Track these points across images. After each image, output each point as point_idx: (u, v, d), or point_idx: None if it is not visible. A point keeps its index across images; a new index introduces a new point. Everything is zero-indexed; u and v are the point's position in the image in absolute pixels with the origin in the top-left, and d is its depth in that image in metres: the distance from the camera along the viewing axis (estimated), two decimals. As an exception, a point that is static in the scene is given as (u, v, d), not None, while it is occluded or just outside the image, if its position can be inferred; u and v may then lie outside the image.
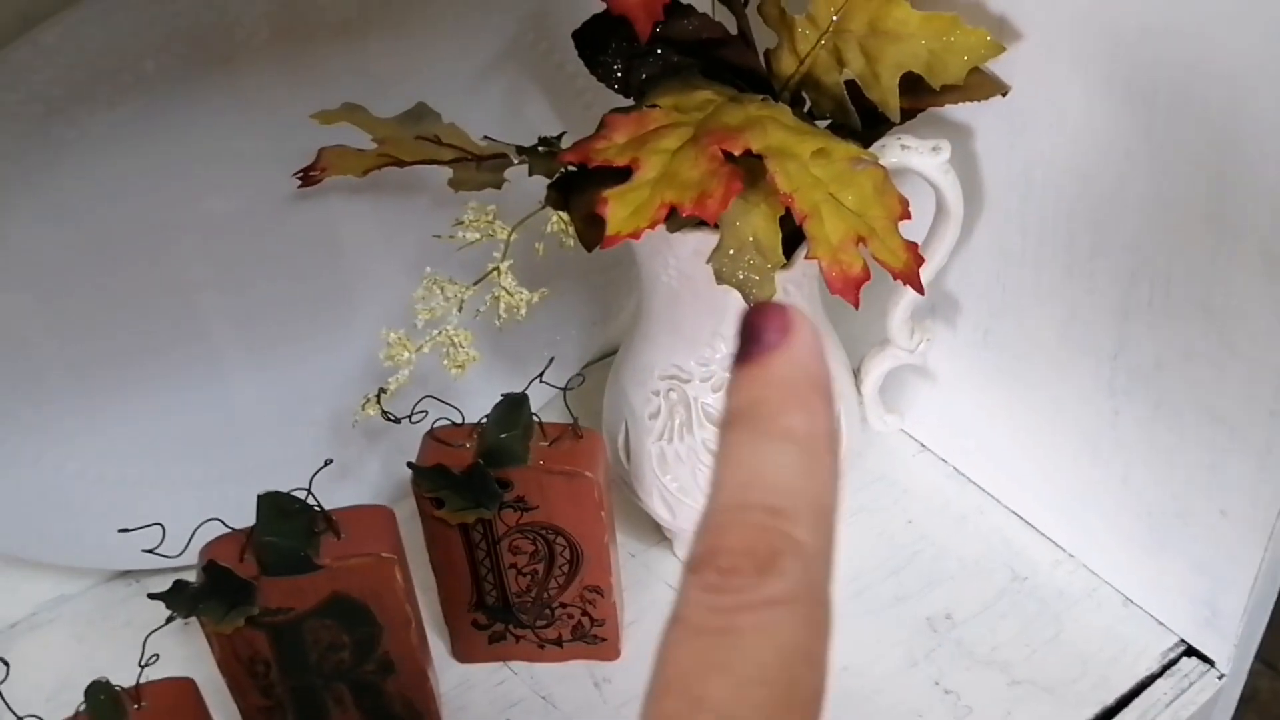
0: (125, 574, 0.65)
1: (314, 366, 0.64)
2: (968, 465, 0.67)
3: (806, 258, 0.46)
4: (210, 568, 0.47)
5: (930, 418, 0.68)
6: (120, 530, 0.46)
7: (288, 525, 0.48)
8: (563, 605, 0.57)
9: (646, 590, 0.62)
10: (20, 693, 0.46)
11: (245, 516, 0.48)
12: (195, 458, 0.63)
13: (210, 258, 0.59)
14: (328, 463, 0.47)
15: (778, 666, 0.20)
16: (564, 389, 0.51)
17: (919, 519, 0.65)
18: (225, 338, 0.62)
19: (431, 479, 0.52)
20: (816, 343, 0.22)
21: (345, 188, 0.60)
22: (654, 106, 0.48)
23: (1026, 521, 0.64)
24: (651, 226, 0.45)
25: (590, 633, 0.58)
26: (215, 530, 0.49)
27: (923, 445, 0.70)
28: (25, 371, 0.57)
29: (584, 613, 0.57)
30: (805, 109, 0.53)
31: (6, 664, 0.42)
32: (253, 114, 0.57)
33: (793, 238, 0.49)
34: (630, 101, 0.52)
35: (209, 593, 0.47)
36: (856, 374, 0.60)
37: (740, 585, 0.20)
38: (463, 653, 0.59)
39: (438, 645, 0.58)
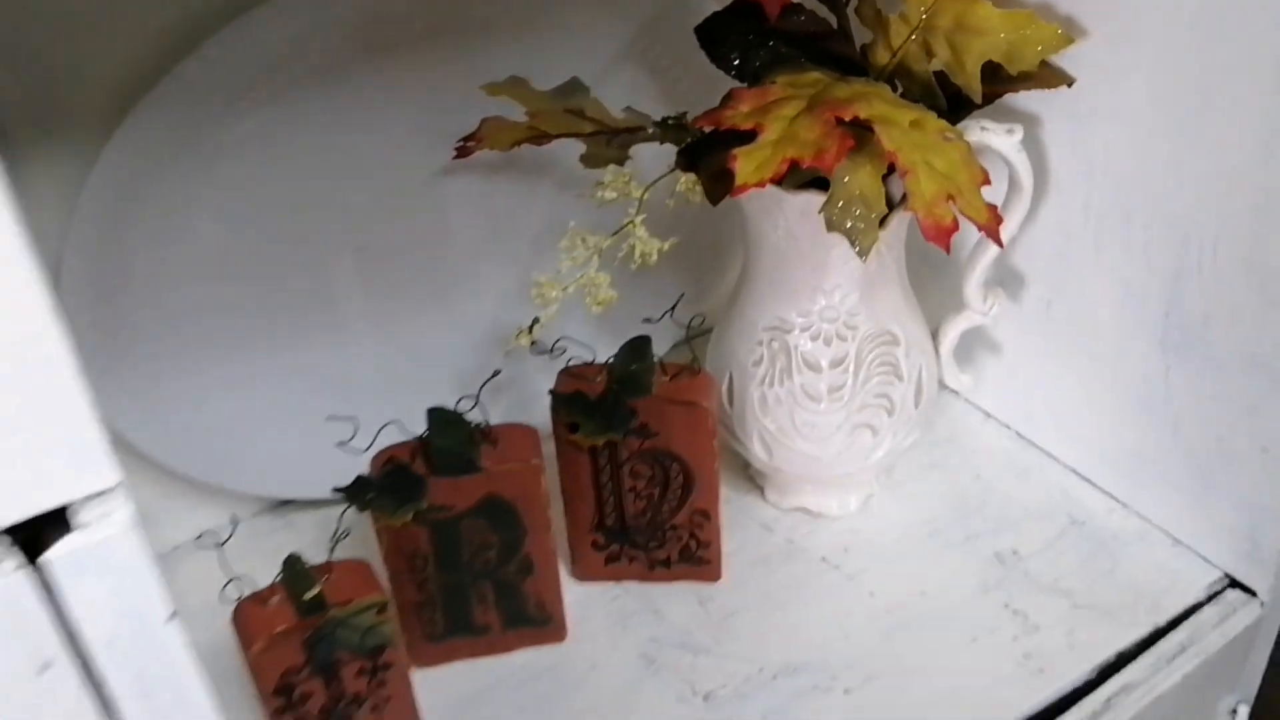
0: (274, 510, 0.73)
1: (440, 335, 0.72)
2: (1029, 429, 0.75)
3: (906, 209, 0.54)
4: (390, 463, 0.55)
5: (994, 388, 0.76)
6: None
7: (454, 433, 0.56)
8: (673, 527, 0.64)
9: (740, 529, 0.70)
10: (188, 601, 0.53)
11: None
12: (336, 407, 0.70)
13: (347, 239, 0.67)
14: (497, 373, 0.55)
15: None
16: (687, 326, 0.59)
17: (985, 474, 0.73)
18: (356, 307, 0.69)
19: (569, 405, 0.60)
20: None
21: (475, 173, 0.68)
22: (772, 84, 0.57)
23: (1083, 476, 0.71)
24: (774, 179, 0.53)
25: (696, 555, 0.65)
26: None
27: (987, 414, 0.77)
28: (199, 326, 0.64)
29: (691, 535, 0.64)
30: (896, 94, 0.61)
31: (235, 521, 0.49)
32: (395, 104, 0.65)
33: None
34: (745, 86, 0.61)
35: (385, 488, 0.55)
36: (935, 335, 0.68)
37: None
38: (582, 572, 0.66)
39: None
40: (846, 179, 0.55)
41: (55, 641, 0.27)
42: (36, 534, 0.26)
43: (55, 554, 0.26)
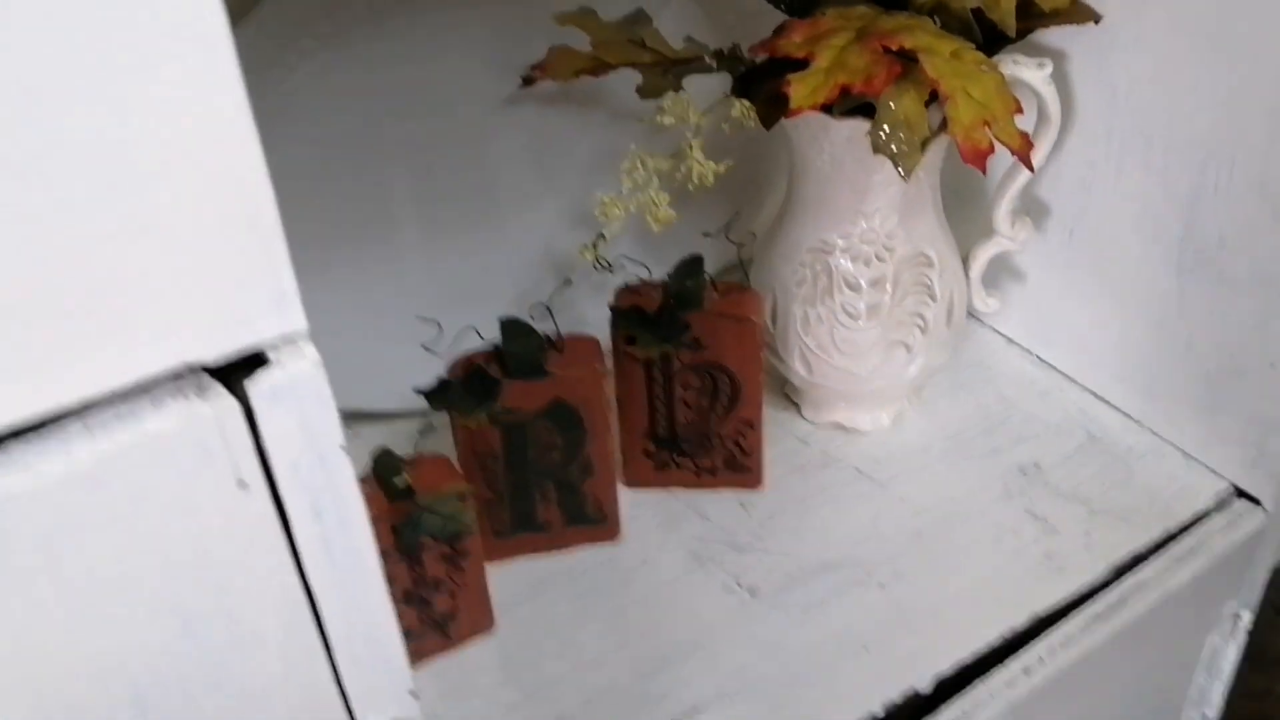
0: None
1: (493, 260, 0.77)
2: (1050, 354, 0.79)
3: (946, 132, 0.58)
4: (469, 366, 0.59)
5: (1018, 316, 0.80)
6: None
7: (525, 340, 0.60)
8: (720, 436, 0.69)
9: (778, 443, 0.74)
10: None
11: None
12: (395, 326, 0.75)
13: (408, 166, 0.71)
14: (567, 281, 0.60)
15: None
16: (739, 244, 0.64)
17: (1009, 394, 0.77)
18: (415, 228, 0.74)
19: (628, 318, 0.64)
20: None
21: (531, 105, 0.72)
22: (823, 15, 0.61)
23: (1100, 397, 0.76)
24: (826, 103, 0.57)
25: (739, 462, 0.70)
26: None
27: (1011, 340, 0.81)
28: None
29: (736, 443, 0.69)
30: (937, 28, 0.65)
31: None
32: (456, 35, 0.68)
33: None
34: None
35: (465, 389, 0.60)
36: (965, 261, 0.72)
37: None
38: (632, 478, 0.71)
39: (611, 474, 0.71)
40: (892, 104, 0.59)
41: (252, 463, 0.31)
42: (229, 370, 0.31)
43: (257, 385, 0.30)
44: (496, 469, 0.63)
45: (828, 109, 0.60)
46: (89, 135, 0.26)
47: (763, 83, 0.61)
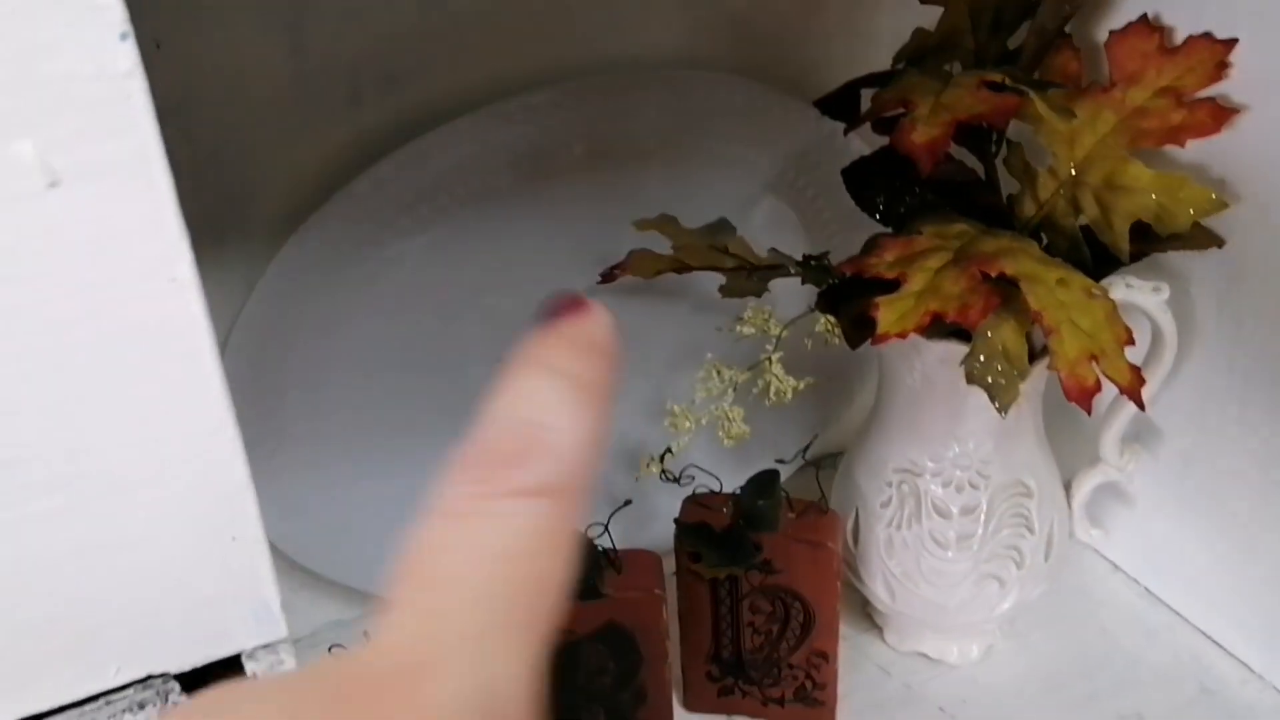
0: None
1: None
2: (1159, 586, 0.72)
3: (1049, 368, 0.54)
4: (518, 585, 0.56)
5: (1124, 540, 0.74)
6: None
7: (581, 558, 0.56)
8: (790, 666, 0.63)
9: (857, 670, 0.69)
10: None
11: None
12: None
13: (491, 351, 0.68)
14: (628, 502, 0.56)
15: (519, 548, 0.21)
16: (816, 466, 0.59)
17: (1111, 629, 0.71)
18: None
19: (694, 534, 0.60)
20: (607, 321, 0.24)
21: (615, 292, 0.69)
22: (918, 233, 0.57)
23: (1215, 641, 0.69)
24: (917, 330, 0.53)
25: (811, 695, 0.64)
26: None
27: (1115, 565, 0.75)
28: (345, 430, 0.67)
29: (808, 675, 0.64)
30: (1042, 246, 0.61)
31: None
32: (547, 224, 0.67)
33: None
34: (887, 230, 0.61)
35: (512, 608, 0.56)
36: (1067, 488, 0.67)
37: (493, 477, 0.22)
38: (692, 702, 0.66)
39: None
40: (990, 334, 0.55)
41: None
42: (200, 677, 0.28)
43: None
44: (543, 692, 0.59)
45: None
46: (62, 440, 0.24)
47: (851, 299, 0.57)
